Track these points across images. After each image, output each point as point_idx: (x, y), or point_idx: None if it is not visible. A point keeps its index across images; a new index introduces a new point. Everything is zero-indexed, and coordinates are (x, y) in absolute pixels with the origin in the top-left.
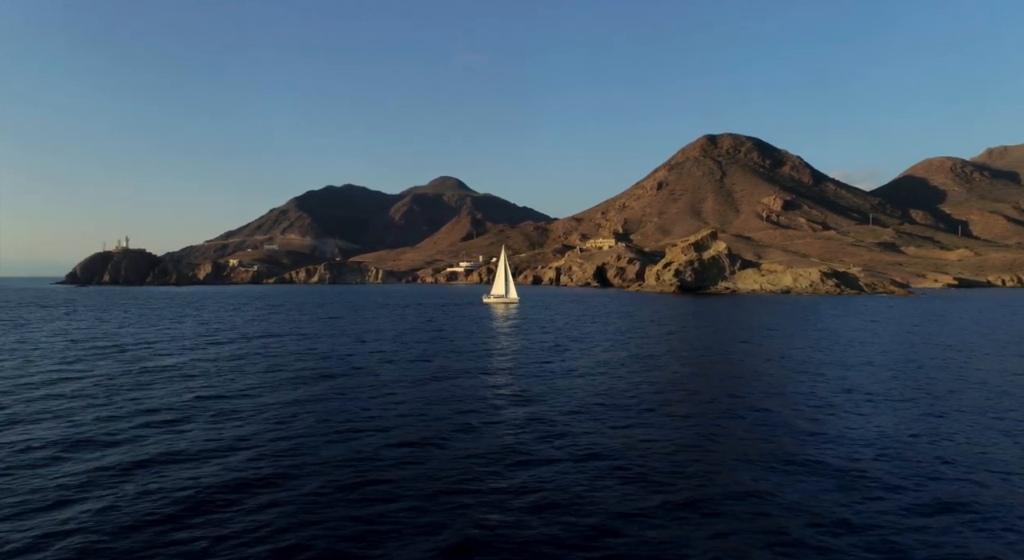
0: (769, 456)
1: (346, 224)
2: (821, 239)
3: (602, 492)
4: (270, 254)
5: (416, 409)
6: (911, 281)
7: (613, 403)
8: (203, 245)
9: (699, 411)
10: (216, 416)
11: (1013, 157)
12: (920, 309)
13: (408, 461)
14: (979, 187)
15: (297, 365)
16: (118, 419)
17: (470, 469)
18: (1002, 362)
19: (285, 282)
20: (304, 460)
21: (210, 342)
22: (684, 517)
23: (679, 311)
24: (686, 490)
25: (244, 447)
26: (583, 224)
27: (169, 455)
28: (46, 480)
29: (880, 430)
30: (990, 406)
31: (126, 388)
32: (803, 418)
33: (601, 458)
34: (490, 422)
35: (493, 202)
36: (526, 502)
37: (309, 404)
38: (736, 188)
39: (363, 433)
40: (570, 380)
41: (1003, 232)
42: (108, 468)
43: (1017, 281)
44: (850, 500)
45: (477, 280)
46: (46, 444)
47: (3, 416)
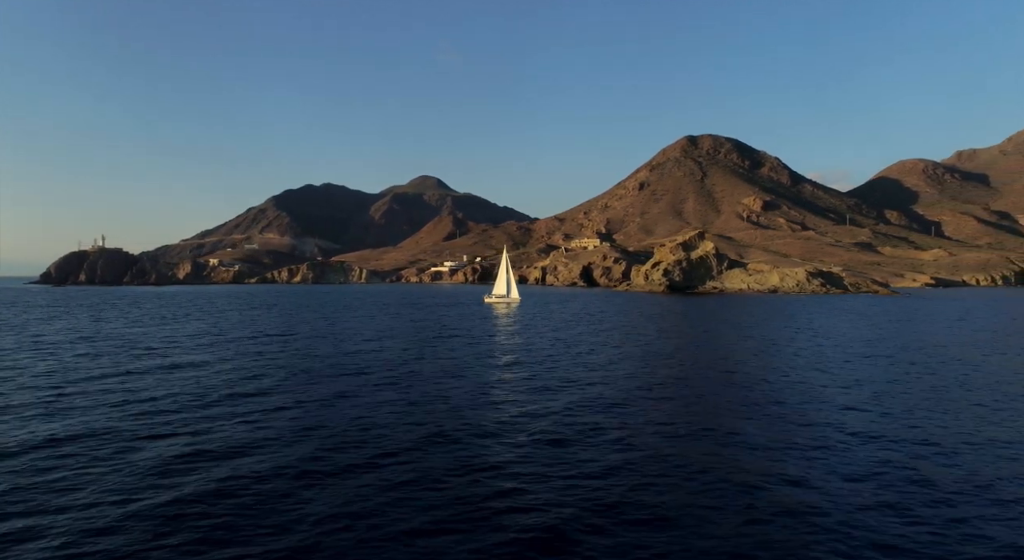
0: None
1: (325, 223)
2: (801, 239)
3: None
4: (250, 253)
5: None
6: (890, 280)
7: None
8: (179, 244)
9: (745, 410)
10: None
11: (982, 160)
12: (920, 308)
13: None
14: (950, 188)
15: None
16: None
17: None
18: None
19: (267, 282)
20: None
21: (280, 345)
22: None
23: (678, 311)
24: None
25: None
26: (566, 224)
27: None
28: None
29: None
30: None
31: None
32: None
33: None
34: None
35: (474, 202)
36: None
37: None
38: (716, 189)
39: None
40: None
41: (974, 232)
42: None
43: (991, 280)
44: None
45: (462, 280)
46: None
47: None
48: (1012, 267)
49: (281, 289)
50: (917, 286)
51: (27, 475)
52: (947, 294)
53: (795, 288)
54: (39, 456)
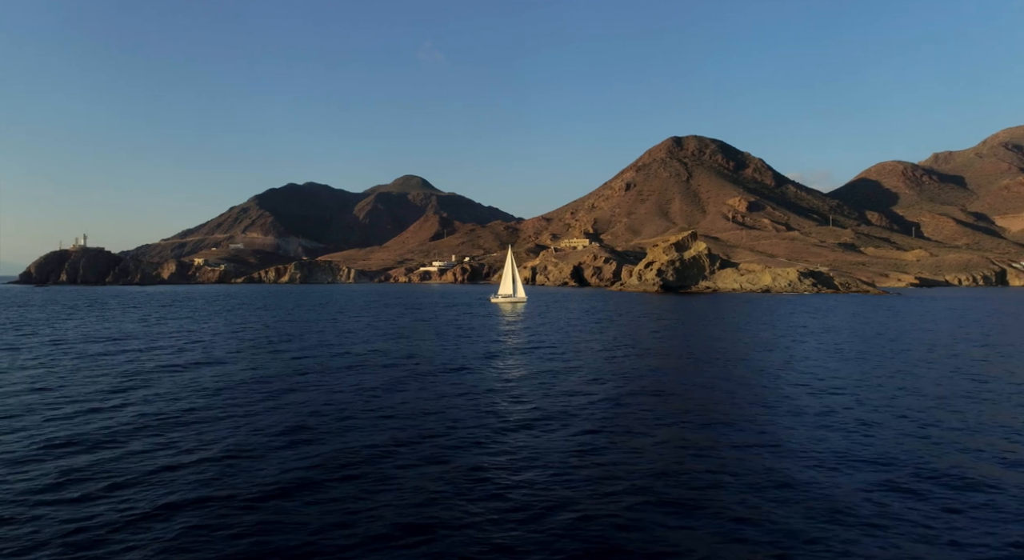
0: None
1: (309, 223)
2: (786, 240)
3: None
4: (236, 253)
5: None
6: (875, 280)
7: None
8: (160, 244)
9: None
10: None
11: (958, 162)
12: (918, 307)
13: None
14: (928, 190)
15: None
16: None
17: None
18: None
19: (254, 281)
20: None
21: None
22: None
23: (685, 310)
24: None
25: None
26: (553, 224)
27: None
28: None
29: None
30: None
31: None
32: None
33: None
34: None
35: (458, 201)
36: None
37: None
38: (702, 189)
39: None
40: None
41: (952, 233)
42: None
43: (972, 280)
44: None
45: (452, 280)
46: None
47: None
48: (992, 267)
49: (271, 289)
50: (902, 286)
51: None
52: (934, 293)
53: (787, 288)
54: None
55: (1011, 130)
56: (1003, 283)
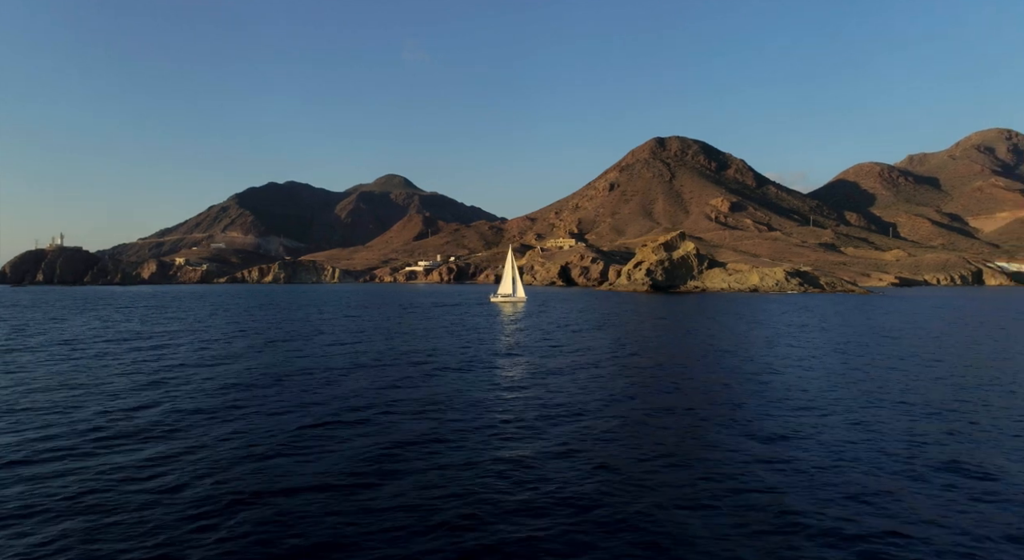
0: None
1: (290, 222)
2: (768, 240)
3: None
4: (218, 252)
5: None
6: (857, 280)
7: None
8: (137, 243)
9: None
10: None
11: (932, 164)
12: (910, 306)
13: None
14: (905, 191)
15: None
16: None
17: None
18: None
19: (237, 281)
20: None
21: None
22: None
23: (674, 310)
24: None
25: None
26: (537, 223)
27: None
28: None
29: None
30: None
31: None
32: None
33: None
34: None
35: (441, 201)
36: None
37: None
38: (685, 190)
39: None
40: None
41: (928, 234)
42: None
43: (950, 280)
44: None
45: (438, 279)
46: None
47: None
48: (969, 267)
49: (257, 289)
50: (883, 285)
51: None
52: (916, 293)
53: (775, 287)
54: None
55: (983, 133)
56: (979, 282)
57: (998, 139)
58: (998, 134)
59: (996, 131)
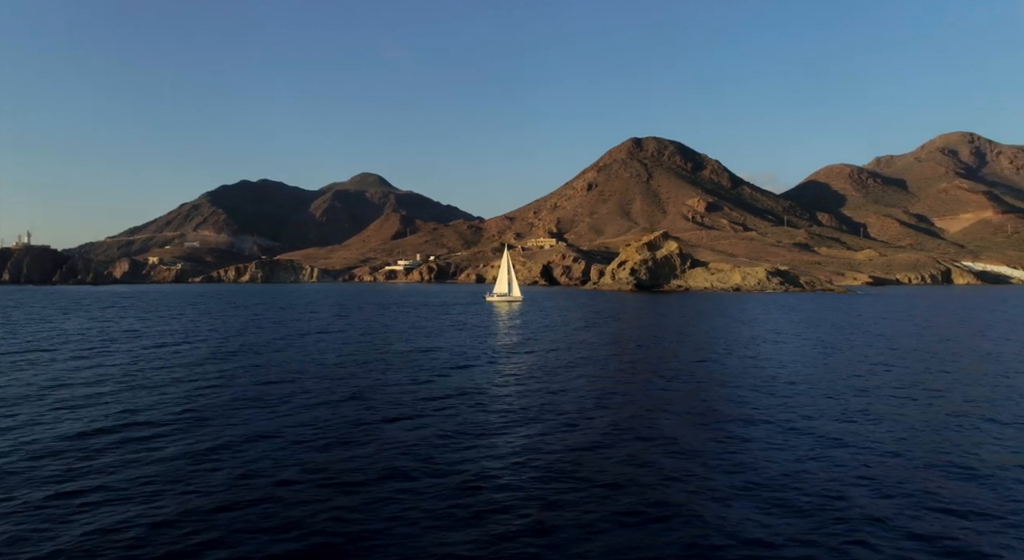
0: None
1: (263, 220)
2: (744, 240)
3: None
4: (192, 251)
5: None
6: (833, 279)
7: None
8: (106, 241)
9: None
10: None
11: (898, 166)
12: (893, 304)
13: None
14: (873, 192)
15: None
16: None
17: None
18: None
19: (213, 281)
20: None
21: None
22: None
23: (665, 309)
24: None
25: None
26: (516, 223)
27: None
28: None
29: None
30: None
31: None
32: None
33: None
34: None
35: (417, 200)
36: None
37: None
38: (662, 190)
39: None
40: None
41: (897, 234)
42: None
43: (921, 279)
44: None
45: (418, 279)
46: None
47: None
48: (939, 267)
49: (237, 288)
50: (858, 284)
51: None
52: (892, 291)
53: (756, 287)
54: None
55: (946, 136)
56: (948, 281)
57: (961, 142)
58: (961, 137)
59: (959, 134)
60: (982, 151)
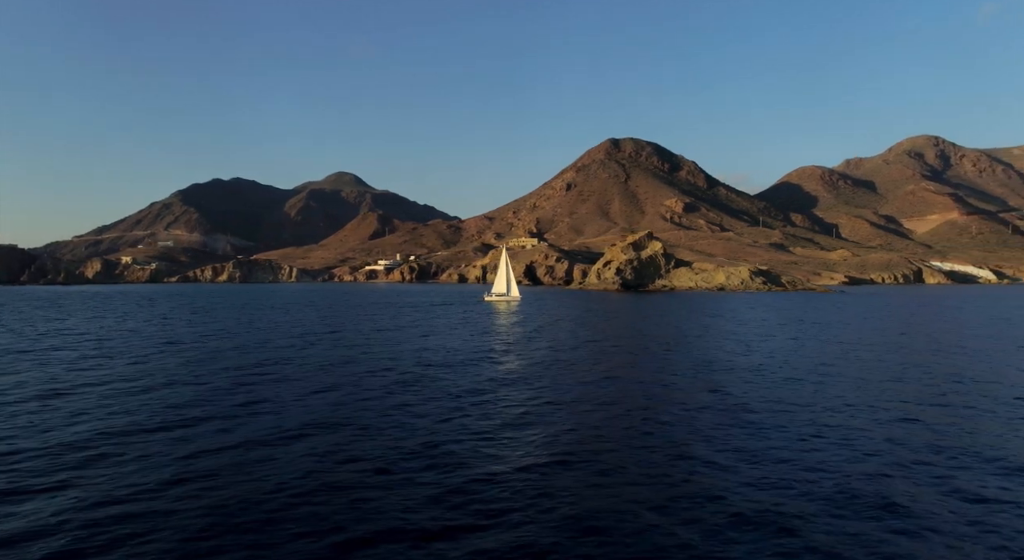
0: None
1: (237, 220)
2: (722, 240)
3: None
4: (166, 251)
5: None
6: (810, 279)
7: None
8: (73, 241)
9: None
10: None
11: (867, 168)
12: (881, 302)
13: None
14: (844, 194)
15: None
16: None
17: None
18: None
19: (189, 281)
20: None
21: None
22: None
23: (656, 308)
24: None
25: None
26: (496, 223)
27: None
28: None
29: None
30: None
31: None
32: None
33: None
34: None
35: (393, 199)
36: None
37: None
38: (640, 190)
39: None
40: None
41: (867, 235)
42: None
43: (893, 279)
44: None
45: (399, 279)
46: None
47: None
48: (911, 267)
49: (217, 289)
50: (835, 283)
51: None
52: (872, 290)
53: (740, 286)
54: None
55: (913, 139)
56: (920, 281)
57: (927, 145)
58: (926, 140)
59: (924, 138)
60: (946, 154)
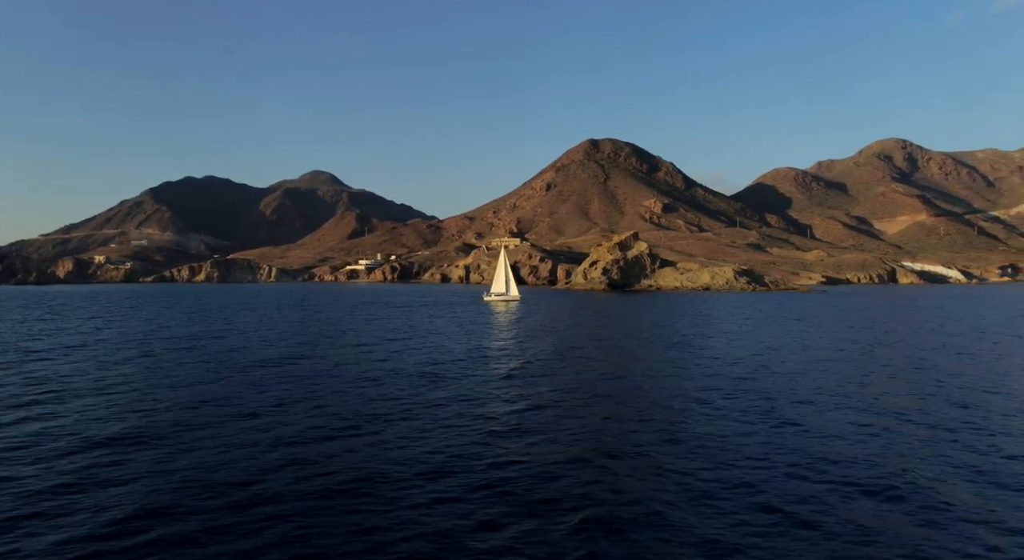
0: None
1: (210, 218)
2: (701, 240)
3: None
4: (140, 250)
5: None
6: (789, 278)
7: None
8: (39, 239)
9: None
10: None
11: (838, 170)
12: (872, 301)
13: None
14: (817, 195)
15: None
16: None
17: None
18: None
19: (166, 280)
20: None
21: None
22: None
23: (649, 308)
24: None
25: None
26: (476, 222)
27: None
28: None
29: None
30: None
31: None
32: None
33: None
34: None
35: (370, 198)
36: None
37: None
38: (619, 191)
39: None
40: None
41: (840, 235)
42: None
43: (869, 278)
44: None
45: (381, 279)
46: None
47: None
48: (885, 267)
49: (198, 289)
50: (814, 283)
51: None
52: (853, 290)
53: (724, 286)
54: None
55: (882, 142)
56: (894, 280)
57: (895, 148)
58: (895, 143)
59: (893, 141)
60: (914, 157)
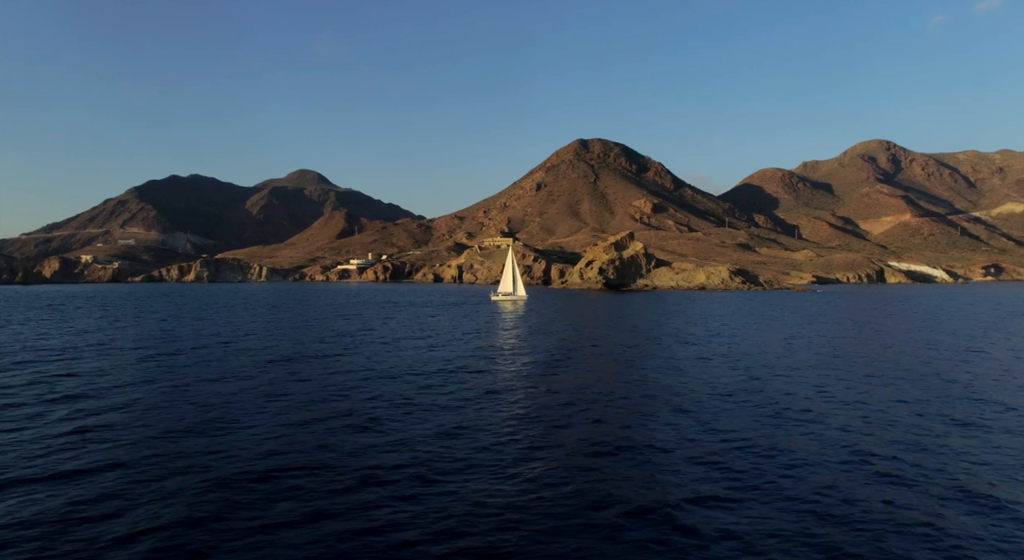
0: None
1: (196, 217)
2: (691, 240)
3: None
4: (127, 249)
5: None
6: (780, 278)
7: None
8: (20, 238)
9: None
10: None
11: (824, 171)
12: (871, 302)
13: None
14: (803, 196)
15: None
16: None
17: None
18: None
19: (154, 280)
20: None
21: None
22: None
23: (647, 307)
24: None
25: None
26: (466, 222)
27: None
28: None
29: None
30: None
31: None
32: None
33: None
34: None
35: (358, 198)
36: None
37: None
38: (609, 191)
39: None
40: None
41: (827, 236)
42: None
43: (857, 278)
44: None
45: (372, 278)
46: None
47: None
48: (873, 267)
49: (189, 289)
50: (805, 282)
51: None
52: (845, 289)
53: (720, 285)
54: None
55: (866, 143)
56: (882, 280)
57: (879, 149)
58: (879, 145)
59: (877, 142)
60: (897, 158)
